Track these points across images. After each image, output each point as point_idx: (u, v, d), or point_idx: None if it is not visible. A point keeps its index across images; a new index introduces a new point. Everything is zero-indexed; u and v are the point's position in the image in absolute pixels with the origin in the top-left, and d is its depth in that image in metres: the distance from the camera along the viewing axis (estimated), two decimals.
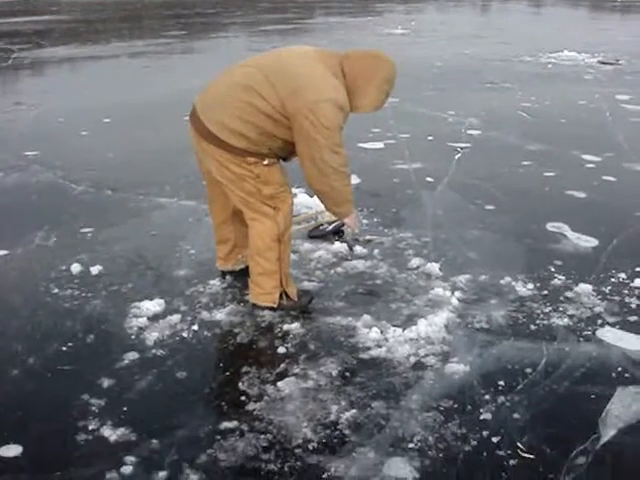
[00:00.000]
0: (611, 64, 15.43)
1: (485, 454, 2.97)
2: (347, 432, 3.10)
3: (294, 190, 6.00)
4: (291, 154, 3.99)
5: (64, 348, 3.79)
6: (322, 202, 4.08)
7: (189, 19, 31.47)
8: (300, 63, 3.85)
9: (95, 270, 4.68)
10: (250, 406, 3.27)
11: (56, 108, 10.54)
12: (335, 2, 37.62)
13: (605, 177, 6.86)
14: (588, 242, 5.21)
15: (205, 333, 3.91)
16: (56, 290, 4.45)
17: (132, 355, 3.70)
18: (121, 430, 3.11)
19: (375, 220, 5.58)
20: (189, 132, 4.06)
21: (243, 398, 3.33)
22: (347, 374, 3.52)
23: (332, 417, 3.19)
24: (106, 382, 3.47)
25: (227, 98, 3.81)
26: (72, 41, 21.54)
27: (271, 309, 4.10)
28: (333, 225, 5.19)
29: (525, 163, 7.32)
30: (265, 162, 3.88)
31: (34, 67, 16.03)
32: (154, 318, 4.05)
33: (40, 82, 14.41)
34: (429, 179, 6.64)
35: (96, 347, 3.82)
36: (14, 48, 19.04)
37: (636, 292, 4.38)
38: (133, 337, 3.88)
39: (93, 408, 3.27)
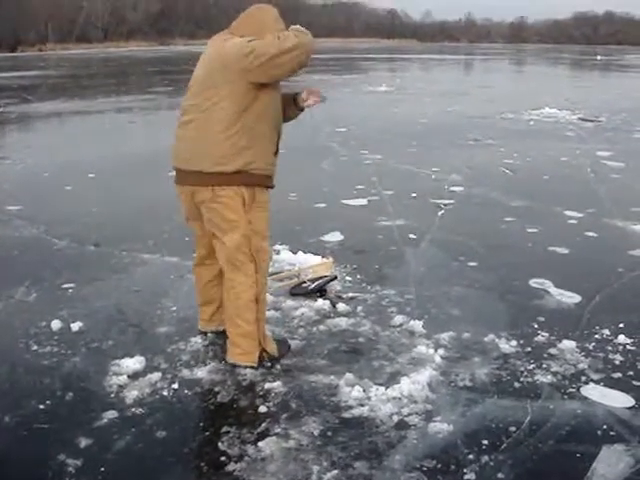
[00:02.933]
0: (592, 121, 15.69)
1: None
2: None
3: (277, 247, 6.05)
4: (277, 126, 4.07)
5: (42, 406, 3.72)
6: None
7: (175, 75, 31.79)
8: (205, 57, 4.05)
9: (75, 327, 4.62)
10: (230, 467, 3.21)
11: (41, 162, 10.57)
12: (319, 60, 38.17)
13: (587, 233, 6.90)
14: (571, 298, 5.21)
15: (185, 392, 3.85)
16: (35, 347, 4.38)
17: (111, 414, 3.63)
18: None
19: (358, 277, 5.56)
20: (180, 196, 4.10)
21: (223, 458, 3.27)
22: (329, 433, 3.46)
23: (314, 478, 3.13)
24: (84, 441, 3.40)
25: (202, 135, 3.88)
26: (59, 96, 21.72)
27: (252, 367, 4.05)
28: (316, 283, 5.17)
29: (508, 219, 7.36)
30: (259, 200, 3.96)
31: (20, 122, 16.13)
32: (134, 376, 3.99)
33: (26, 137, 14.45)
34: (412, 236, 6.65)
35: (75, 405, 3.75)
36: (1, 103, 19.15)
37: (620, 348, 4.37)
38: (112, 395, 3.82)
39: (70, 468, 3.20)
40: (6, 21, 62.79)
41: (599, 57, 58.49)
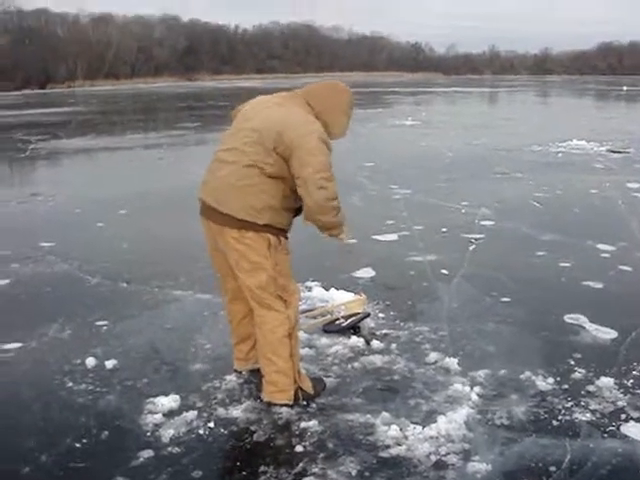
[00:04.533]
0: (620, 152, 15.61)
1: None
2: None
3: (309, 283, 6.04)
4: None
5: (77, 444, 3.73)
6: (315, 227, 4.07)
7: (202, 111, 32.17)
8: (271, 113, 3.99)
9: (110, 364, 4.64)
10: None
11: (72, 199, 10.69)
12: None
13: (621, 267, 6.83)
14: (607, 334, 5.15)
15: (221, 430, 3.85)
16: (70, 384, 4.40)
17: (147, 453, 3.63)
18: None
19: (391, 313, 5.54)
20: (204, 227, 4.11)
21: None
22: (367, 474, 3.43)
23: None
24: None
25: (239, 182, 3.89)
26: (88, 132, 21.98)
27: (287, 406, 4.04)
28: (349, 320, 5.16)
29: (539, 253, 7.31)
30: (283, 244, 3.99)
31: (51, 158, 16.33)
32: (169, 414, 3.99)
33: (57, 173, 14.65)
34: (444, 271, 6.63)
35: (110, 444, 3.75)
36: (32, 139, 19.43)
37: None
38: (148, 434, 3.82)
39: None
40: (36, 58, 63.96)
41: (625, 88, 58.31)
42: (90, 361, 4.68)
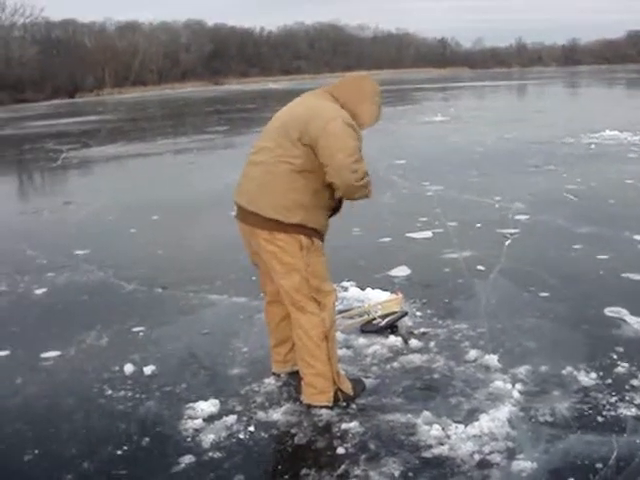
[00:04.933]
0: None
1: None
2: None
3: (345, 283, 6.01)
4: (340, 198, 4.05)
5: (119, 452, 3.73)
6: None
7: (230, 114, 32.28)
8: (297, 108, 4.05)
9: (148, 370, 4.65)
10: None
11: (105, 206, 10.76)
12: None
13: None
14: None
15: (262, 434, 3.83)
16: (109, 391, 4.41)
17: (188, 458, 3.62)
18: None
19: (428, 312, 5.50)
20: (240, 231, 4.10)
21: None
22: (410, 474, 3.39)
23: None
24: None
25: (270, 180, 3.89)
26: (118, 140, 22.16)
27: (327, 408, 4.01)
28: (387, 320, 5.12)
29: (576, 246, 7.22)
30: (317, 245, 3.95)
31: (82, 166, 16.49)
32: (209, 419, 3.98)
33: (88, 181, 14.77)
34: (480, 267, 6.56)
35: (151, 450, 3.75)
36: (63, 148, 19.62)
37: None
38: (189, 439, 3.81)
39: None
40: (65, 68, 64.66)
41: None
42: (128, 368, 4.69)
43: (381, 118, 4.18)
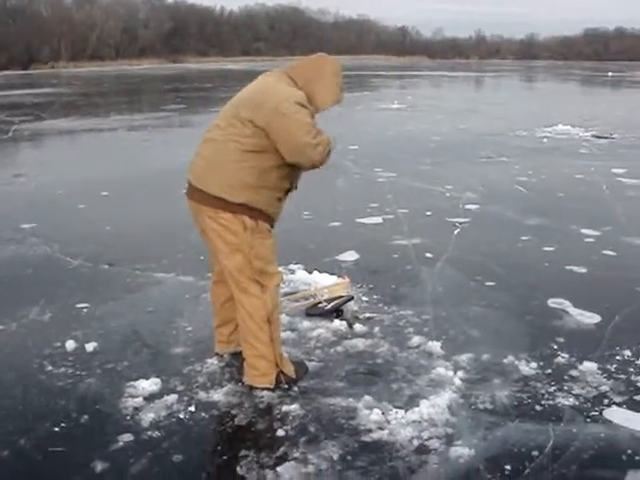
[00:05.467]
0: (605, 138, 15.63)
1: None
2: None
3: (292, 266, 6.01)
4: (291, 178, 4.01)
5: (56, 429, 3.68)
6: None
7: (188, 93, 31.99)
8: (253, 87, 4.02)
9: (90, 347, 4.59)
10: None
11: (55, 180, 10.59)
12: None
13: (605, 251, 6.83)
14: (590, 318, 5.14)
15: (202, 414, 3.80)
16: (50, 367, 4.34)
17: (127, 437, 3.59)
18: None
19: (375, 297, 5.51)
20: (189, 208, 4.06)
21: None
22: (349, 458, 3.40)
23: None
24: (99, 465, 3.35)
25: (216, 158, 3.87)
26: (72, 114, 21.82)
27: (269, 390, 4.01)
28: (332, 304, 5.12)
29: (524, 238, 7.30)
30: (261, 228, 3.91)
31: (34, 139, 16.19)
32: (150, 398, 3.94)
33: (40, 154, 14.53)
34: (428, 255, 6.60)
35: (90, 428, 3.70)
36: (15, 120, 19.26)
37: None
38: (128, 418, 3.77)
39: None
40: (20, 39, 63.36)
41: (610, 74, 58.44)
42: (70, 344, 4.63)
43: (342, 99, 4.14)
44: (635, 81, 50.06)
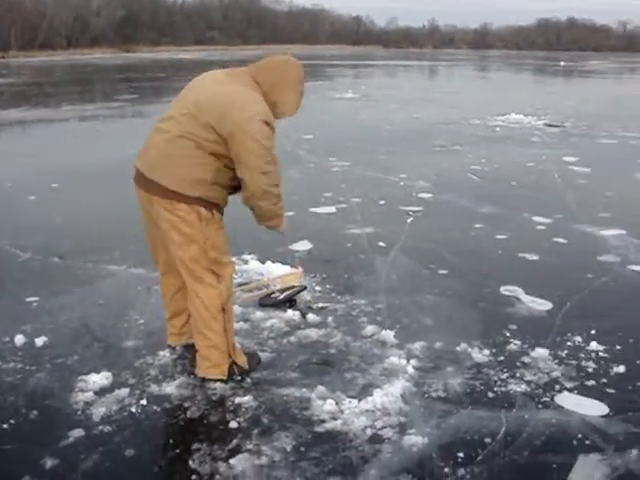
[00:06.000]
0: (557, 126, 15.82)
1: None
2: None
3: (246, 256, 5.98)
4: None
5: (5, 425, 3.61)
6: (253, 215, 4.02)
7: (141, 83, 31.65)
8: (216, 89, 3.88)
9: (40, 341, 4.51)
10: None
11: (4, 172, 10.39)
12: None
13: (556, 239, 6.91)
14: (542, 305, 5.20)
15: (154, 408, 3.76)
16: None
17: (78, 432, 3.53)
18: None
19: (328, 287, 5.50)
20: (137, 197, 4.00)
21: (194, 477, 3.19)
22: (302, 449, 3.39)
23: None
24: (49, 462, 3.30)
25: (172, 152, 3.80)
26: (22, 104, 21.47)
27: (222, 381, 3.98)
28: (285, 293, 5.11)
29: (477, 226, 7.35)
30: (216, 218, 3.88)
31: None
32: (101, 392, 3.89)
33: None
34: (382, 244, 6.61)
35: (39, 424, 3.64)
36: None
37: (592, 355, 4.36)
38: (79, 413, 3.72)
39: None
40: None
41: (562, 63, 59.14)
42: (19, 338, 4.54)
43: (301, 106, 4.10)
44: (586, 70, 50.75)
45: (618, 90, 32.96)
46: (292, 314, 4.92)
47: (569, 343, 4.53)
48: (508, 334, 4.67)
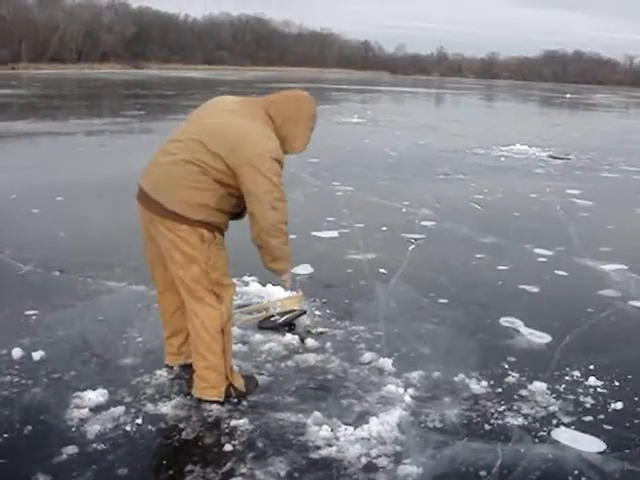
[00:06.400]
0: (561, 158, 15.86)
1: None
2: None
3: (246, 278, 5.97)
4: (243, 206, 3.97)
5: None
6: (260, 255, 4.02)
7: (148, 99, 31.78)
8: (229, 120, 3.90)
9: (37, 356, 4.49)
10: None
11: (8, 184, 10.41)
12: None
13: (557, 271, 6.90)
14: (541, 338, 5.18)
15: (149, 427, 3.75)
16: None
17: (71, 449, 3.51)
18: None
19: (328, 312, 5.49)
20: (139, 215, 4.01)
21: None
22: (296, 475, 3.37)
23: None
24: (42, 478, 3.28)
25: (176, 175, 3.81)
26: (30, 116, 21.56)
27: (218, 403, 3.96)
28: (285, 317, 5.10)
29: (478, 256, 7.35)
30: (218, 240, 3.89)
31: None
32: (96, 409, 3.88)
33: None
34: (383, 270, 6.61)
35: (33, 439, 3.62)
36: None
37: (590, 391, 4.34)
38: (73, 429, 3.70)
39: None
40: None
41: (568, 95, 59.37)
42: (17, 352, 4.53)
43: (310, 142, 4.11)
44: (591, 103, 50.96)
45: (622, 124, 33.09)
46: (291, 338, 4.91)
47: (567, 377, 4.52)
48: (506, 366, 4.66)
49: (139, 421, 3.79)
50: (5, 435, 3.63)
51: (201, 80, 54.20)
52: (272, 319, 5.13)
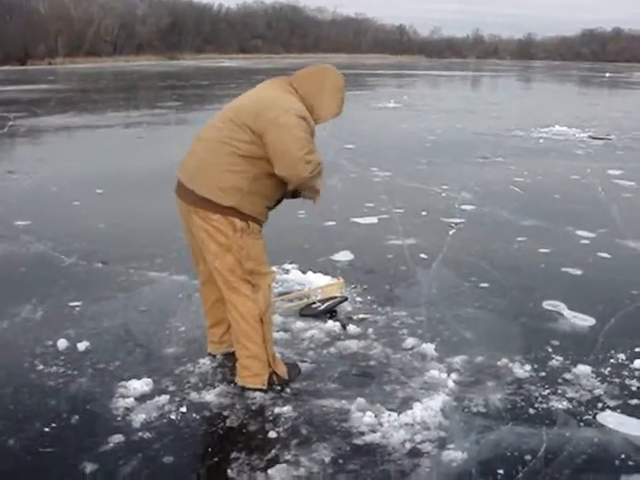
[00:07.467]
0: (602, 139, 15.64)
1: None
2: None
3: (287, 266, 5.98)
4: (284, 188, 3.96)
5: (46, 429, 3.65)
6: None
7: (184, 90, 31.94)
8: (254, 94, 4.02)
9: (82, 346, 4.55)
10: None
11: (49, 177, 10.55)
12: None
13: (600, 254, 6.82)
14: (585, 321, 5.13)
15: (194, 415, 3.78)
16: (41, 366, 4.31)
17: (117, 438, 3.56)
18: None
19: (369, 298, 5.48)
20: (178, 209, 4.04)
21: None
22: (340, 461, 3.38)
23: None
24: (89, 467, 3.32)
25: (210, 159, 3.84)
26: (68, 110, 21.76)
27: (261, 391, 3.98)
28: (326, 304, 5.10)
29: (519, 239, 7.28)
30: (253, 228, 3.88)
31: (29, 135, 16.12)
32: (141, 398, 3.92)
33: (35, 151, 14.45)
34: (423, 255, 6.58)
35: (80, 428, 3.67)
36: (10, 116, 19.18)
37: (636, 374, 4.29)
38: (119, 418, 3.74)
39: None
40: (16, 34, 63.16)
41: (608, 74, 58.53)
42: (62, 343, 4.59)
43: (341, 112, 4.10)
44: (632, 82, 50.16)
45: None
46: (332, 325, 4.91)
47: (612, 360, 4.46)
48: (550, 350, 4.61)
49: (183, 409, 3.82)
50: (53, 425, 3.68)
51: (236, 69, 54.36)
52: (313, 306, 5.13)
